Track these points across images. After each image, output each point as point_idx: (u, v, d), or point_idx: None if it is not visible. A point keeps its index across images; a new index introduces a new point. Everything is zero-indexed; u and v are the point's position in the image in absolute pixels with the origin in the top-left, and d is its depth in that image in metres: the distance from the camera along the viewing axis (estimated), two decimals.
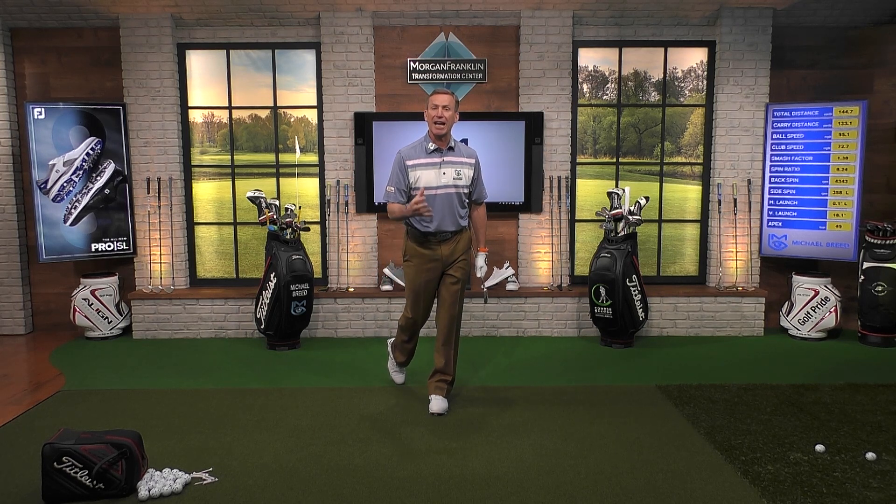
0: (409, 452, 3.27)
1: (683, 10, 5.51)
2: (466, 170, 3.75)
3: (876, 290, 5.18)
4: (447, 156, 3.71)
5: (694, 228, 5.92)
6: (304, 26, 5.67)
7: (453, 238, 3.77)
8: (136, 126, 5.65)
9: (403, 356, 4.15)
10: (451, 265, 3.79)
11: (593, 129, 5.85)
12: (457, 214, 3.74)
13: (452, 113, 3.66)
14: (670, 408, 3.87)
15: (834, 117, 5.39)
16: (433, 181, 3.68)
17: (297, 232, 5.29)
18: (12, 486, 2.94)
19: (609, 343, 5.29)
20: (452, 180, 3.70)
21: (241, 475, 3.04)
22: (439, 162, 3.69)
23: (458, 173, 3.72)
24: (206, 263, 5.98)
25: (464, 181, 3.74)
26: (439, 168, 3.69)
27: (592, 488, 2.90)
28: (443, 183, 3.69)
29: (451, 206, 3.71)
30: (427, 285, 3.80)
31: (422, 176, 3.68)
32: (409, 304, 3.88)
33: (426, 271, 3.77)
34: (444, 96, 3.64)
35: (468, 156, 3.79)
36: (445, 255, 3.76)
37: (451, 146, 3.74)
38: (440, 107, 3.61)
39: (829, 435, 3.44)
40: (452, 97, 3.66)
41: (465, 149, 3.82)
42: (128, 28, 5.55)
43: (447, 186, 3.69)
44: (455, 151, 3.75)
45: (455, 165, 3.72)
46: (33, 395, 4.23)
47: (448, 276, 3.81)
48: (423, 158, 3.70)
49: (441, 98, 3.64)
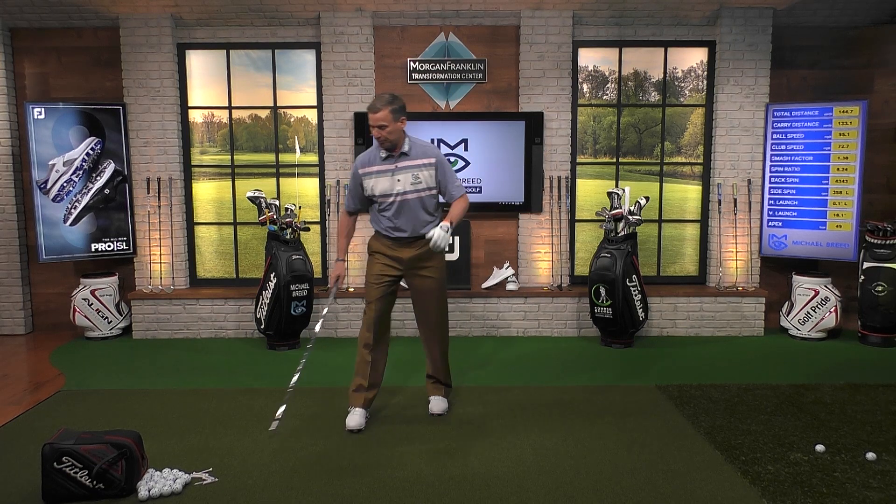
0: (409, 452, 3.27)
1: (683, 10, 5.51)
2: (425, 172, 3.54)
3: (876, 290, 5.18)
4: (400, 161, 3.52)
5: (694, 228, 5.92)
6: (304, 26, 5.66)
7: (416, 243, 3.58)
8: (136, 126, 5.65)
9: (363, 380, 3.61)
10: (414, 270, 3.62)
11: (593, 129, 5.85)
12: (419, 220, 3.55)
13: (392, 126, 3.42)
14: (670, 408, 3.87)
15: (834, 117, 5.39)
16: (388, 189, 3.53)
17: (297, 232, 5.30)
18: (12, 486, 2.94)
19: (609, 343, 5.29)
20: (410, 185, 3.53)
21: (241, 475, 3.04)
22: (392, 169, 3.53)
23: (416, 177, 3.52)
24: (206, 263, 5.97)
25: (424, 184, 3.54)
26: (392, 175, 3.53)
27: (592, 488, 2.90)
28: (398, 190, 3.51)
29: (411, 212, 3.54)
30: (380, 278, 3.61)
31: (376, 184, 3.54)
32: (365, 298, 3.68)
33: (383, 265, 3.62)
34: (375, 115, 3.40)
35: (425, 156, 3.56)
36: (406, 258, 3.60)
37: (405, 151, 3.53)
38: (375, 127, 3.42)
39: (829, 435, 3.44)
40: (385, 110, 3.39)
41: (421, 149, 3.59)
42: (128, 28, 5.55)
43: (405, 193, 3.53)
44: (409, 155, 3.54)
45: (410, 170, 3.52)
46: (33, 395, 4.23)
47: (414, 286, 3.68)
48: (377, 166, 3.54)
49: (373, 118, 3.41)
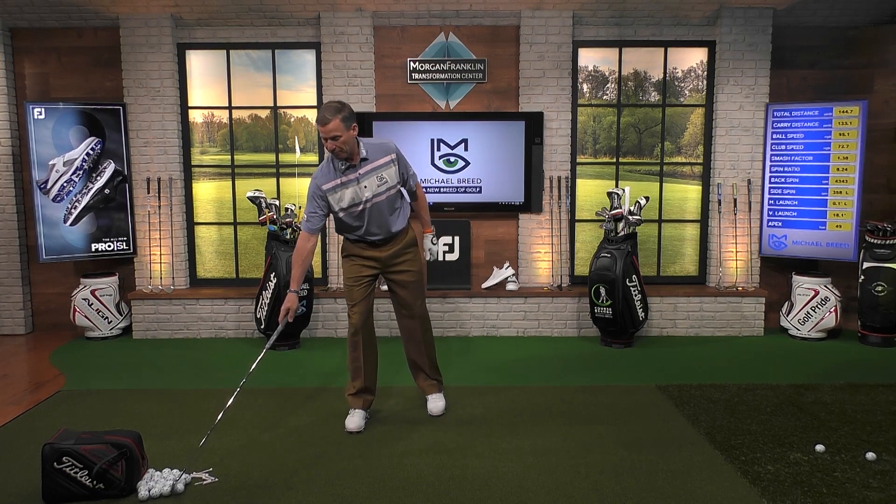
0: (409, 452, 3.27)
1: (683, 10, 5.51)
2: (388, 170, 3.49)
3: (876, 290, 5.18)
4: (362, 167, 3.43)
5: (694, 228, 5.92)
6: (304, 26, 5.66)
7: (389, 241, 3.59)
8: (136, 126, 5.65)
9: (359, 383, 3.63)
10: (392, 267, 3.62)
11: (593, 129, 5.85)
12: (390, 221, 3.55)
13: (345, 136, 3.30)
14: (670, 408, 3.87)
15: (834, 117, 5.39)
16: (356, 198, 3.46)
17: (297, 232, 5.30)
18: (12, 486, 2.94)
19: (609, 343, 5.29)
20: (377, 188, 3.45)
21: (241, 475, 3.04)
22: (356, 177, 3.46)
23: (381, 178, 3.46)
24: (206, 263, 5.97)
25: (389, 182, 3.49)
26: (357, 183, 3.46)
27: (592, 488, 2.90)
28: (366, 196, 3.44)
29: (381, 214, 3.50)
30: (359, 279, 3.59)
31: (343, 196, 3.43)
32: (347, 300, 3.64)
33: (360, 266, 3.60)
34: (326, 126, 3.26)
35: (384, 154, 3.49)
36: (383, 257, 3.59)
37: (364, 157, 3.43)
38: (328, 139, 3.29)
39: (829, 435, 3.44)
40: (336, 120, 3.25)
41: (378, 148, 3.50)
42: (128, 28, 5.55)
43: (373, 198, 3.45)
44: (369, 159, 3.45)
45: (374, 173, 3.45)
46: (33, 395, 4.23)
47: (394, 281, 3.66)
48: (339, 178, 3.43)
49: (325, 130, 3.27)
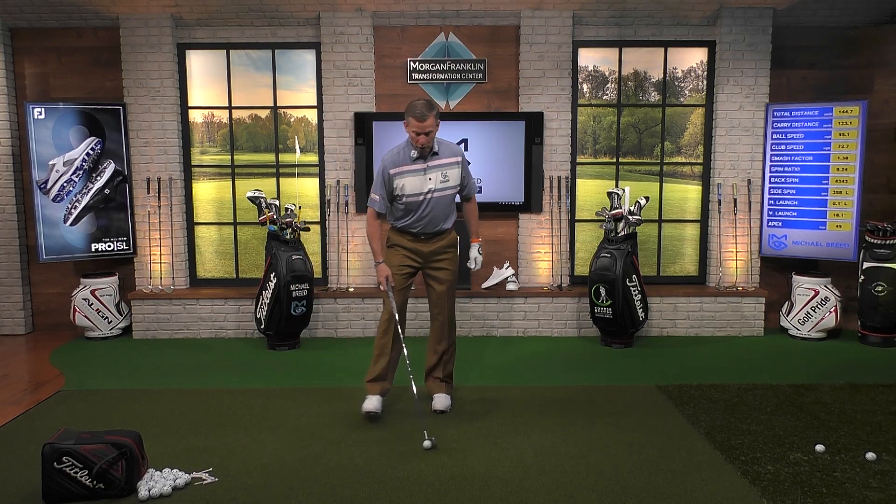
0: (409, 452, 3.27)
1: (683, 10, 5.51)
2: (452, 170, 3.68)
3: (876, 290, 5.18)
4: (431, 160, 3.64)
5: (694, 228, 5.92)
6: (304, 26, 5.66)
7: (436, 238, 3.74)
8: (136, 126, 5.65)
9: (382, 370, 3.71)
10: (432, 262, 3.76)
11: (593, 129, 5.85)
12: (442, 218, 3.70)
13: (434, 131, 3.56)
14: (670, 408, 3.87)
15: (834, 117, 5.39)
16: (418, 188, 3.62)
17: (297, 232, 5.29)
18: (12, 486, 2.94)
19: (609, 343, 5.29)
20: (439, 184, 3.65)
21: (241, 475, 3.04)
22: (423, 168, 3.63)
23: (445, 175, 3.66)
24: (206, 263, 5.97)
25: (451, 182, 3.68)
26: (424, 174, 3.63)
27: (592, 488, 2.90)
28: (428, 188, 3.63)
29: (437, 210, 3.66)
30: (401, 268, 3.73)
31: (406, 183, 3.62)
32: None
33: (403, 256, 3.74)
34: (424, 123, 3.49)
35: (453, 155, 3.71)
36: (426, 252, 3.73)
37: (435, 151, 3.65)
38: (422, 134, 3.52)
39: (829, 435, 3.44)
40: (431, 117, 3.51)
41: (448, 148, 3.73)
42: (128, 28, 5.55)
43: (434, 191, 3.64)
44: (439, 154, 3.66)
45: (440, 168, 3.65)
46: (33, 395, 4.23)
47: (432, 277, 3.78)
48: (407, 165, 3.63)
49: (422, 125, 3.50)
